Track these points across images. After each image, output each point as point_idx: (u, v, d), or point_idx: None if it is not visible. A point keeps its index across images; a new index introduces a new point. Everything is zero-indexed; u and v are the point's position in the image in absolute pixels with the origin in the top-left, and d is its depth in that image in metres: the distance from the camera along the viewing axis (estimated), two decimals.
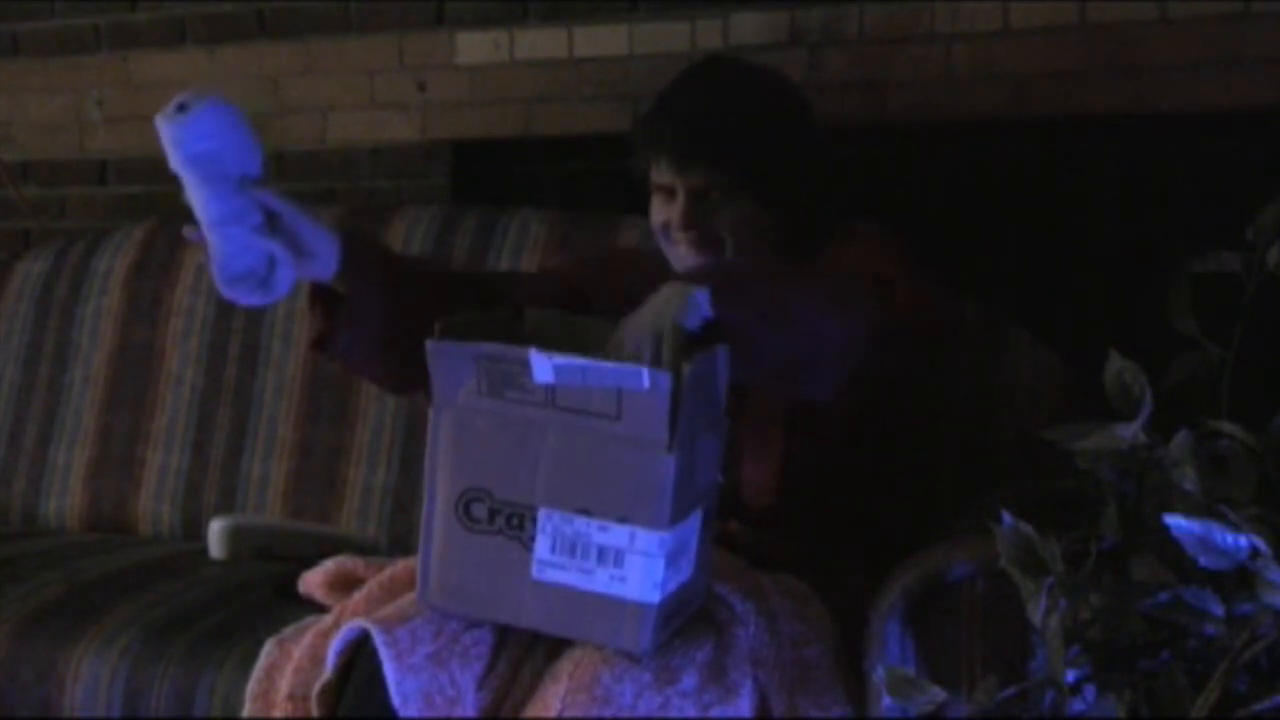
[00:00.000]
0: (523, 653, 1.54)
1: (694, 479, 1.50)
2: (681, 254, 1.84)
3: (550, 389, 1.47)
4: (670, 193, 1.84)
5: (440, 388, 1.52)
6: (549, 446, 1.48)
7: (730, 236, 1.82)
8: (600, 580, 1.47)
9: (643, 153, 1.87)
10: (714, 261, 1.79)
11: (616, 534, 1.46)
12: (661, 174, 1.84)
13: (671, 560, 1.48)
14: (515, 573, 1.49)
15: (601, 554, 1.47)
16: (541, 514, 1.48)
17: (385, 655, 1.48)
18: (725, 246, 1.82)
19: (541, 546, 1.48)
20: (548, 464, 1.48)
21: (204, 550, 2.25)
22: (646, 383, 1.43)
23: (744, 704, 1.50)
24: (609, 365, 1.44)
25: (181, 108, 1.61)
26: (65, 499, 2.56)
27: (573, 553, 1.48)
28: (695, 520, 1.51)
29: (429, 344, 1.51)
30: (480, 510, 1.50)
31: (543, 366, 1.46)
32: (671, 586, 1.49)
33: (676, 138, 1.83)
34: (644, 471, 1.45)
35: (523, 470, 1.49)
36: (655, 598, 1.46)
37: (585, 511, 1.47)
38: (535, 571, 1.49)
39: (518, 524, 1.49)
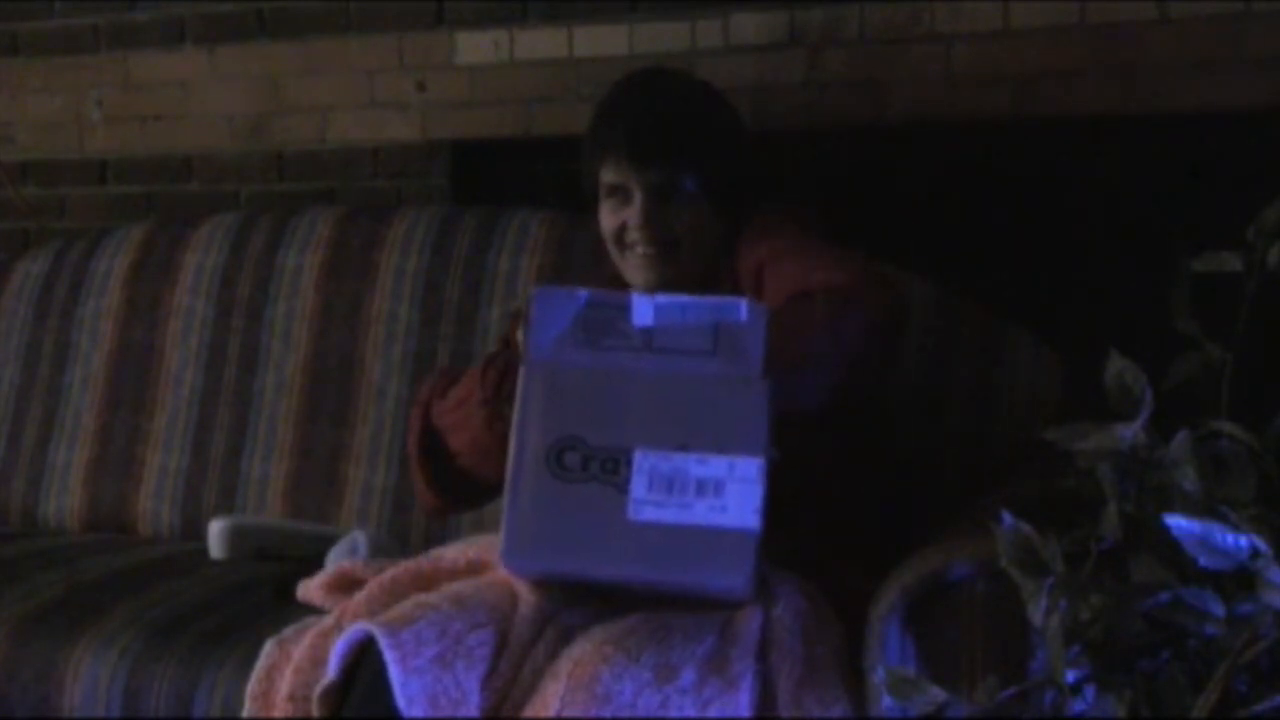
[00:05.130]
0: (524, 652, 1.54)
1: (772, 429, 1.52)
2: (638, 257, 1.86)
3: (648, 332, 1.53)
4: (624, 195, 1.86)
5: (536, 339, 1.56)
6: (644, 389, 1.52)
7: (685, 235, 1.84)
8: (699, 512, 1.48)
9: (597, 154, 1.90)
10: None
11: (715, 465, 1.49)
12: (617, 174, 1.86)
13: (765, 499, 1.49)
14: (610, 517, 1.50)
15: (700, 486, 1.49)
16: (638, 454, 1.51)
17: (390, 658, 1.48)
18: (680, 246, 1.84)
19: (638, 486, 1.50)
20: (642, 407, 1.52)
21: (204, 550, 2.25)
22: (745, 314, 1.50)
23: (744, 698, 1.50)
24: (708, 300, 1.53)
25: None
26: (65, 499, 2.56)
27: (670, 489, 1.49)
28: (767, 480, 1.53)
29: (535, 291, 1.58)
30: (573, 459, 1.52)
31: (644, 308, 1.53)
32: (763, 532, 1.50)
33: (635, 134, 1.86)
34: (740, 401, 1.50)
35: (616, 416, 1.52)
36: (755, 523, 1.48)
37: (683, 447, 1.50)
38: (631, 512, 1.50)
39: (612, 468, 1.51)
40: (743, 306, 1.52)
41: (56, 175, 3.06)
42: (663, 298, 1.55)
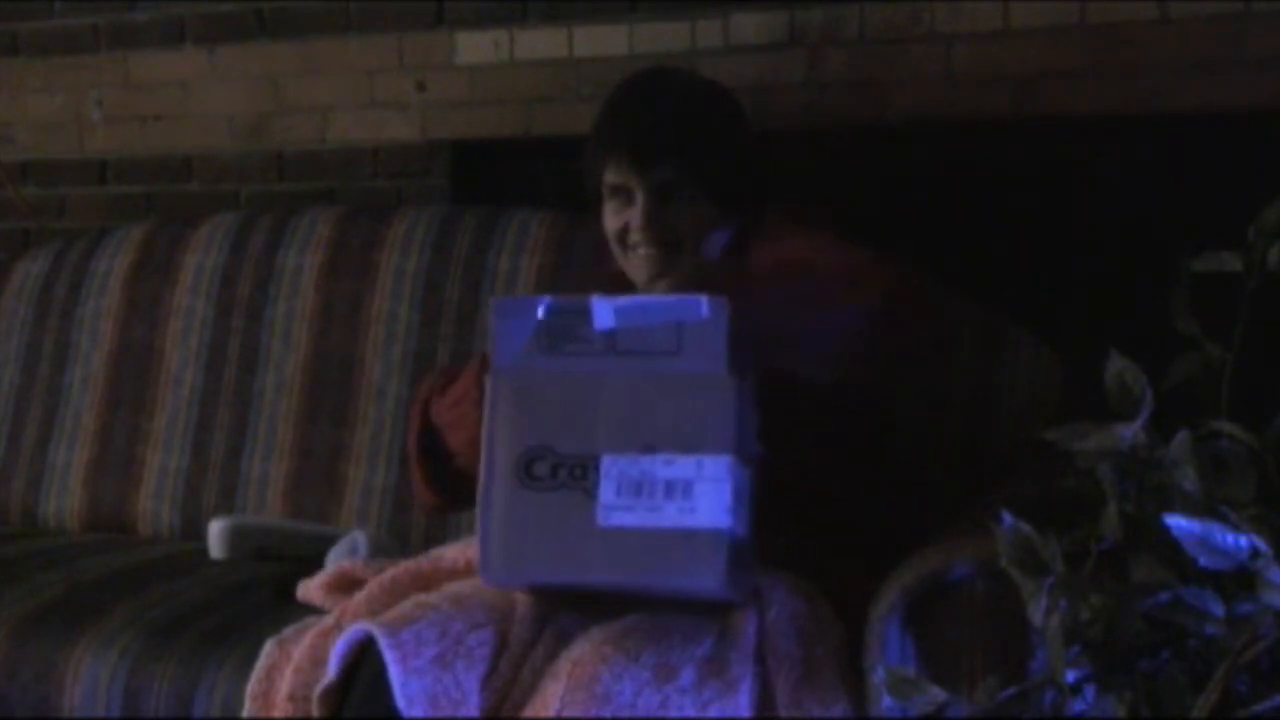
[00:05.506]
0: (524, 652, 1.54)
1: (745, 425, 1.51)
2: (640, 258, 1.85)
3: (611, 336, 1.52)
4: (626, 196, 1.86)
5: (500, 350, 1.55)
6: (610, 394, 1.51)
7: (688, 236, 1.84)
8: (669, 515, 1.47)
9: (599, 155, 1.89)
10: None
11: (683, 465, 1.48)
12: (619, 175, 1.86)
13: (737, 497, 1.48)
14: (580, 525, 1.49)
15: (669, 488, 1.48)
16: (605, 460, 1.49)
17: (390, 658, 1.48)
18: (682, 247, 1.84)
19: (606, 491, 1.49)
20: (610, 411, 1.51)
21: (204, 550, 2.25)
22: (705, 310, 1.49)
23: (743, 700, 1.50)
24: (668, 299, 1.52)
25: None
26: (65, 499, 2.56)
27: (639, 492, 1.48)
28: (748, 478, 1.51)
29: (495, 301, 1.57)
30: (542, 468, 1.51)
31: (604, 312, 1.52)
32: (739, 530, 1.48)
33: (636, 135, 1.86)
34: (706, 398, 1.49)
35: (584, 422, 1.51)
36: (726, 522, 1.46)
37: (650, 449, 1.48)
38: (601, 518, 1.48)
39: (581, 475, 1.50)
40: (703, 304, 1.50)
41: (56, 175, 3.06)
42: (623, 300, 1.54)
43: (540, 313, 1.54)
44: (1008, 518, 1.30)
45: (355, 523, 2.32)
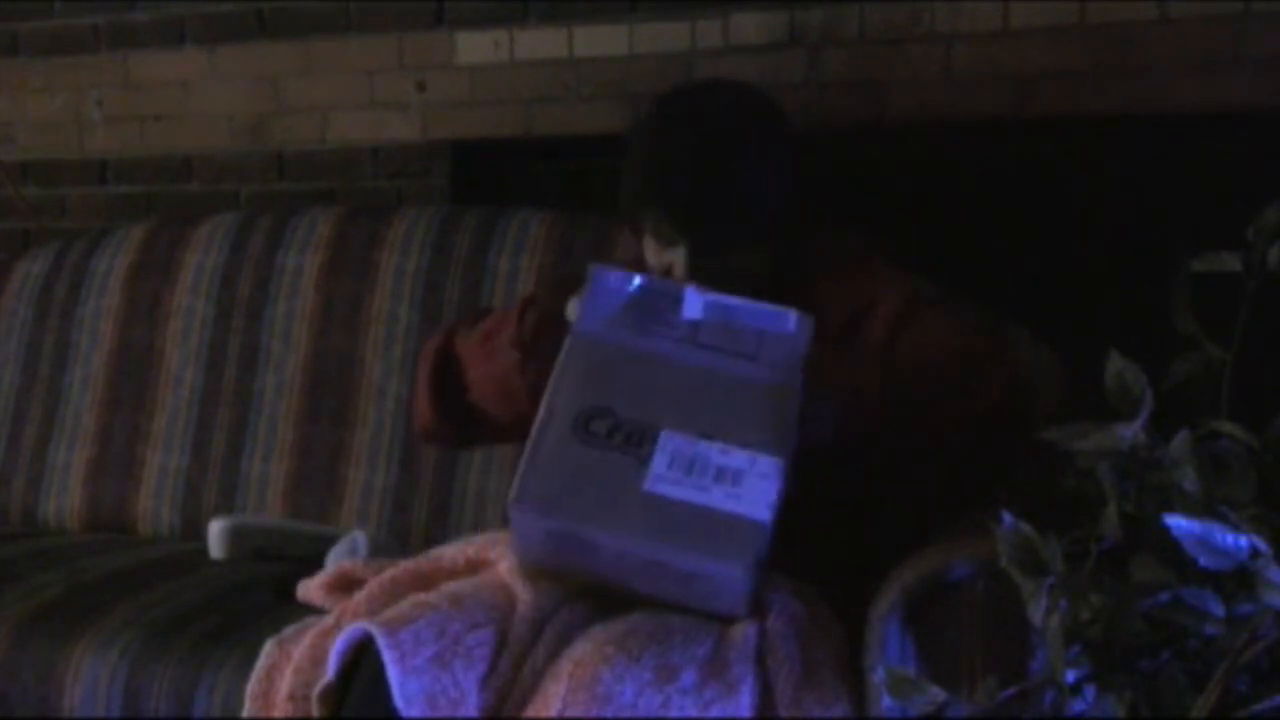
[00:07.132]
0: (523, 652, 1.54)
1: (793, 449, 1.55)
2: None
3: (695, 326, 1.57)
4: (670, 240, 1.80)
5: (586, 314, 1.59)
6: (681, 378, 1.55)
7: (736, 275, 1.76)
8: (716, 496, 1.50)
9: (636, 208, 1.82)
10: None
11: (738, 457, 1.52)
12: (661, 230, 1.80)
13: (779, 503, 1.51)
14: (627, 484, 1.52)
15: (720, 473, 1.51)
16: (664, 434, 1.53)
17: (389, 657, 1.48)
18: (730, 286, 1.78)
19: (659, 463, 1.52)
20: (676, 393, 1.55)
21: (204, 550, 2.25)
22: (793, 326, 1.55)
23: (744, 701, 1.50)
24: (758, 305, 1.57)
25: None
26: (65, 499, 2.56)
27: (690, 470, 1.52)
28: (780, 504, 1.54)
29: (594, 267, 1.61)
30: (600, 426, 1.54)
31: (694, 302, 1.57)
32: (770, 537, 1.51)
33: (677, 200, 1.78)
34: (773, 406, 1.53)
35: (650, 396, 1.55)
36: (767, 517, 1.49)
37: (708, 436, 1.52)
38: (648, 484, 1.51)
39: (637, 441, 1.53)
40: (792, 318, 1.56)
41: (56, 175, 3.06)
42: (714, 296, 1.58)
43: (634, 288, 1.59)
44: (1008, 518, 1.30)
45: (355, 523, 2.32)
